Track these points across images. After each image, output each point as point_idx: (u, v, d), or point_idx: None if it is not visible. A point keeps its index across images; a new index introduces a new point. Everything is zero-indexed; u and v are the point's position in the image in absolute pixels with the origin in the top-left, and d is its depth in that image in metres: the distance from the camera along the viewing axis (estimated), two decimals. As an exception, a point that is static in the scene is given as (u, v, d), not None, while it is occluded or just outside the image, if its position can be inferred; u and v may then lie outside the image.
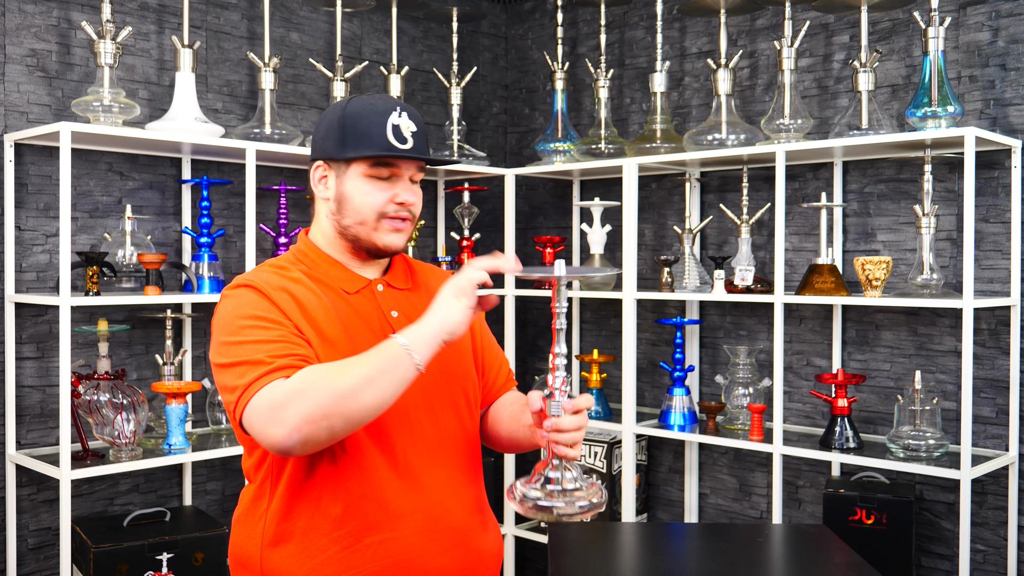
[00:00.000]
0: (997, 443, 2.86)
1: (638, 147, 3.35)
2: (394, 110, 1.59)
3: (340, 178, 1.61)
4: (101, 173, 3.00)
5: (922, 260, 2.79)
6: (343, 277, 1.64)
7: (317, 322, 1.55)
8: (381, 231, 1.61)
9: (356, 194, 1.60)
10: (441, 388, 1.64)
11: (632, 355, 3.29)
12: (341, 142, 1.59)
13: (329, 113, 1.63)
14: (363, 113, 1.59)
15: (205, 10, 3.23)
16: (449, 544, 1.59)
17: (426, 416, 1.61)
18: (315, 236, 1.68)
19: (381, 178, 1.59)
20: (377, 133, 1.57)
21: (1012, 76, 2.82)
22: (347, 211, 1.61)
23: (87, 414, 2.75)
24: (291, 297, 1.55)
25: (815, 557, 2.08)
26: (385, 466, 1.55)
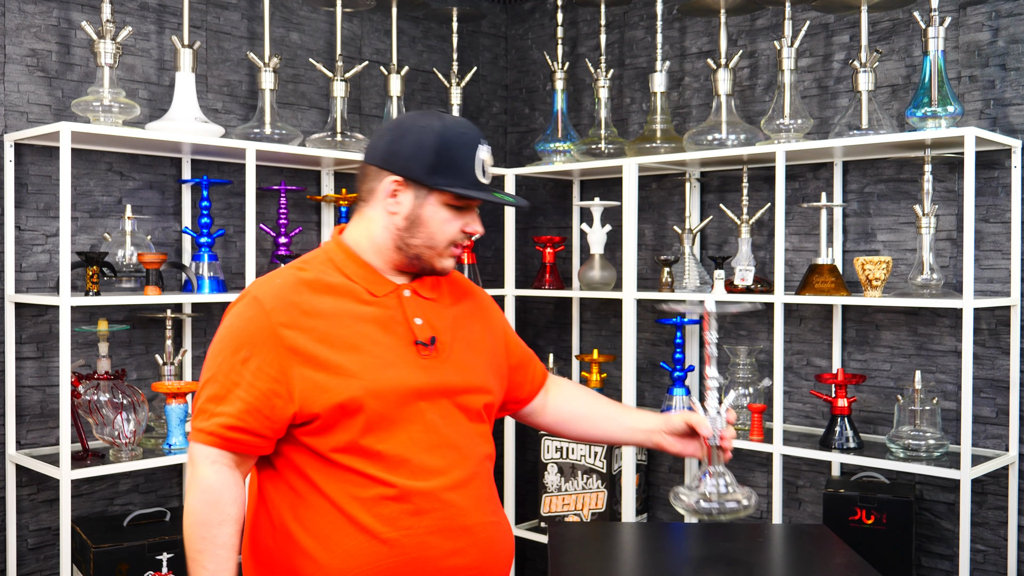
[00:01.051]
0: (997, 443, 2.86)
1: (638, 147, 3.35)
2: (481, 142, 1.64)
3: (419, 200, 1.62)
4: (101, 173, 3.00)
5: (922, 260, 2.79)
6: (372, 279, 1.66)
7: (327, 334, 1.57)
8: (444, 256, 1.67)
9: (434, 221, 1.63)
10: (461, 395, 1.68)
11: (632, 355, 3.29)
12: (432, 169, 1.60)
13: (415, 130, 1.62)
14: (456, 144, 1.61)
15: (205, 10, 3.24)
16: (465, 544, 1.62)
17: (443, 421, 1.64)
18: (355, 238, 1.69)
19: (458, 207, 1.64)
20: (468, 168, 1.61)
21: (1012, 76, 2.82)
22: (419, 233, 1.63)
23: (87, 414, 2.75)
24: (298, 312, 1.57)
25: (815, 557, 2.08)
26: (402, 468, 1.58)
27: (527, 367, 1.93)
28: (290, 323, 1.56)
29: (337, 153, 3.20)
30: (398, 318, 1.64)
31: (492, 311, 1.87)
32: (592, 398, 2.00)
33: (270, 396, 1.54)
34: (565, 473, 3.50)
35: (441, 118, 1.64)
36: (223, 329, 1.61)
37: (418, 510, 1.58)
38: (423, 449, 1.60)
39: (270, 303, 1.57)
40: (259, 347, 1.55)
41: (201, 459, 1.55)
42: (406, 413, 1.59)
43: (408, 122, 1.64)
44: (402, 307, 1.65)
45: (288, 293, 1.59)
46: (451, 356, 1.68)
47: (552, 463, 3.52)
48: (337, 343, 1.57)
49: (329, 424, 1.56)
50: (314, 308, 1.58)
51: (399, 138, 1.63)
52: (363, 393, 1.55)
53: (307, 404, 1.55)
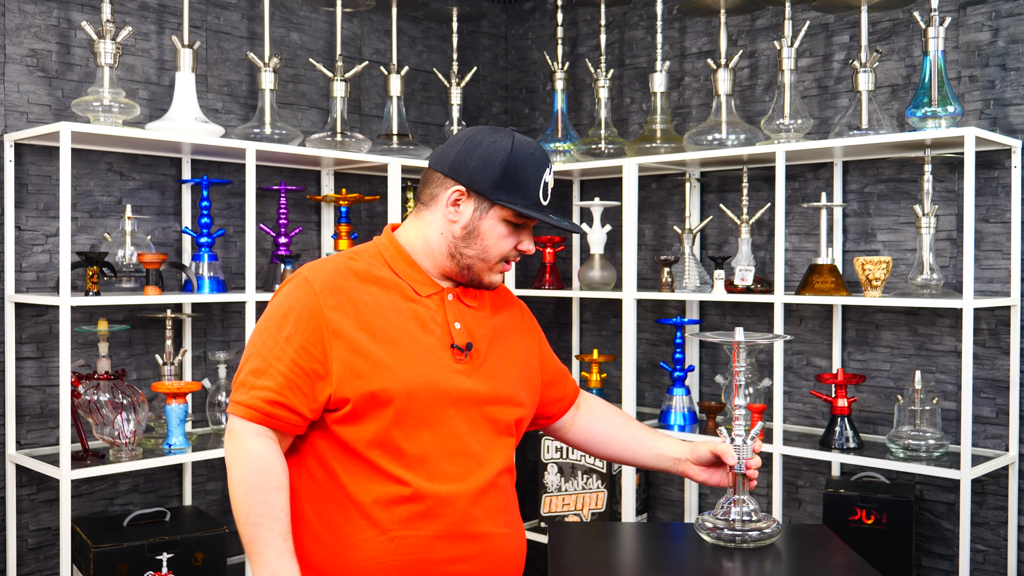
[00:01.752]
0: (997, 443, 2.86)
1: (638, 147, 3.35)
2: (548, 166, 1.67)
3: (479, 212, 1.66)
4: (101, 173, 3.00)
5: (922, 260, 2.79)
6: (418, 279, 1.69)
7: (369, 322, 1.60)
8: (494, 271, 1.71)
9: (491, 234, 1.66)
10: (489, 405, 1.69)
11: (632, 355, 3.29)
12: (497, 184, 1.63)
13: (486, 144, 1.65)
14: (524, 164, 1.64)
15: (205, 10, 3.23)
16: (472, 551, 1.64)
17: (467, 429, 1.66)
18: (409, 238, 1.72)
19: (515, 224, 1.67)
20: (533, 188, 1.65)
21: (1012, 76, 2.82)
22: (475, 245, 1.67)
23: (87, 414, 2.75)
24: (345, 299, 1.61)
25: (815, 557, 2.08)
26: (419, 469, 1.60)
27: (560, 383, 1.95)
28: (336, 306, 1.60)
29: (337, 153, 3.20)
30: (438, 319, 1.67)
31: (530, 325, 1.90)
32: (622, 420, 2.01)
33: (311, 374, 1.57)
34: (565, 473, 3.50)
35: (513, 137, 1.67)
36: (270, 307, 1.65)
37: (429, 512, 1.59)
38: (444, 453, 1.62)
39: (319, 285, 1.61)
40: (304, 325, 1.58)
41: (245, 432, 1.57)
42: (433, 414, 1.61)
43: (480, 136, 1.67)
44: (444, 309, 1.68)
45: (337, 278, 1.63)
46: (485, 365, 1.70)
47: (552, 463, 3.52)
48: (378, 333, 1.60)
49: (358, 412, 1.58)
50: (360, 296, 1.62)
51: (470, 150, 1.66)
52: (396, 386, 1.58)
53: (341, 387, 1.57)
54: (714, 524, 1.90)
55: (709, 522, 1.91)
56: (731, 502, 1.88)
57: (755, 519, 1.90)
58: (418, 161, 3.36)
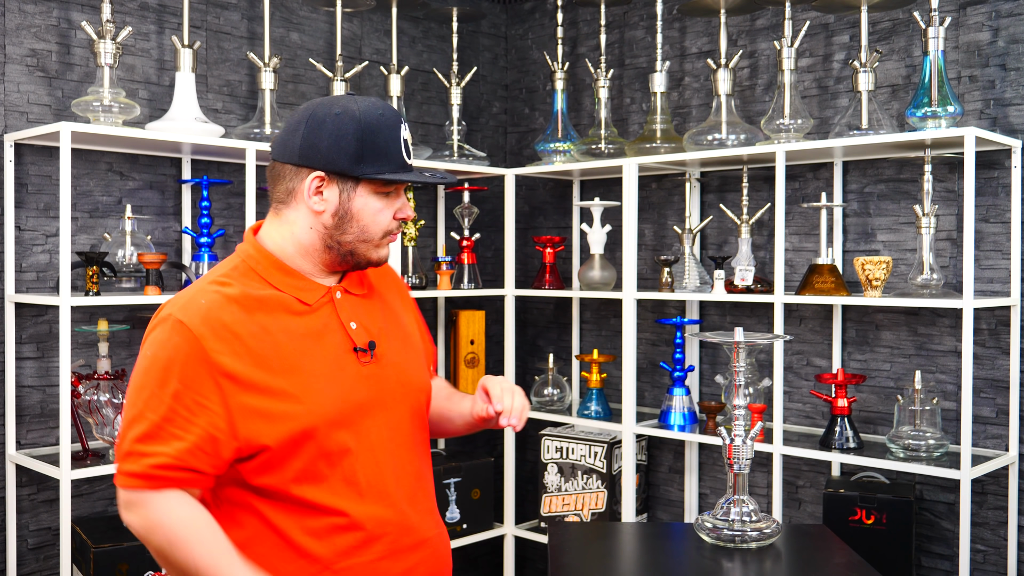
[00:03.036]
0: (997, 443, 2.86)
1: (638, 147, 3.35)
2: (401, 121, 1.54)
3: (346, 194, 1.52)
4: (101, 173, 3.00)
5: (922, 260, 2.79)
6: (300, 287, 1.54)
7: (263, 357, 1.45)
8: (381, 247, 1.58)
9: (365, 212, 1.53)
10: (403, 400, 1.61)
11: (632, 355, 3.29)
12: (357, 158, 1.49)
13: (330, 120, 1.50)
14: (378, 127, 1.50)
15: (205, 10, 3.24)
16: (416, 560, 1.57)
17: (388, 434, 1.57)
18: (277, 244, 1.56)
19: (386, 193, 1.54)
20: (394, 150, 1.52)
21: (1012, 76, 2.82)
22: (351, 228, 1.53)
23: (87, 414, 2.75)
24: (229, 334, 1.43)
25: (815, 557, 2.08)
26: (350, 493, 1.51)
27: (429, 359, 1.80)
28: (222, 348, 1.42)
29: (337, 153, 3.19)
30: (333, 325, 1.54)
31: (408, 297, 1.78)
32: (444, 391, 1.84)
33: (212, 432, 1.41)
34: (565, 473, 3.50)
35: (355, 101, 1.53)
36: (145, 359, 1.44)
37: (371, 537, 1.51)
38: (370, 468, 1.52)
39: (198, 327, 1.42)
40: (192, 378, 1.40)
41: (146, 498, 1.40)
42: (353, 431, 1.51)
43: (321, 112, 1.51)
44: (336, 313, 1.55)
45: (217, 313, 1.44)
46: (389, 358, 1.59)
47: (552, 463, 3.52)
48: (275, 365, 1.45)
49: (279, 456, 1.45)
50: (245, 328, 1.44)
51: (315, 131, 1.50)
52: (311, 418, 1.45)
53: (253, 436, 1.43)
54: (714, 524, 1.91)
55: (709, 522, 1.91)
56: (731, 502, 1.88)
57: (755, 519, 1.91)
58: (418, 161, 3.36)
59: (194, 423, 1.40)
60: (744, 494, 1.87)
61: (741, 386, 1.89)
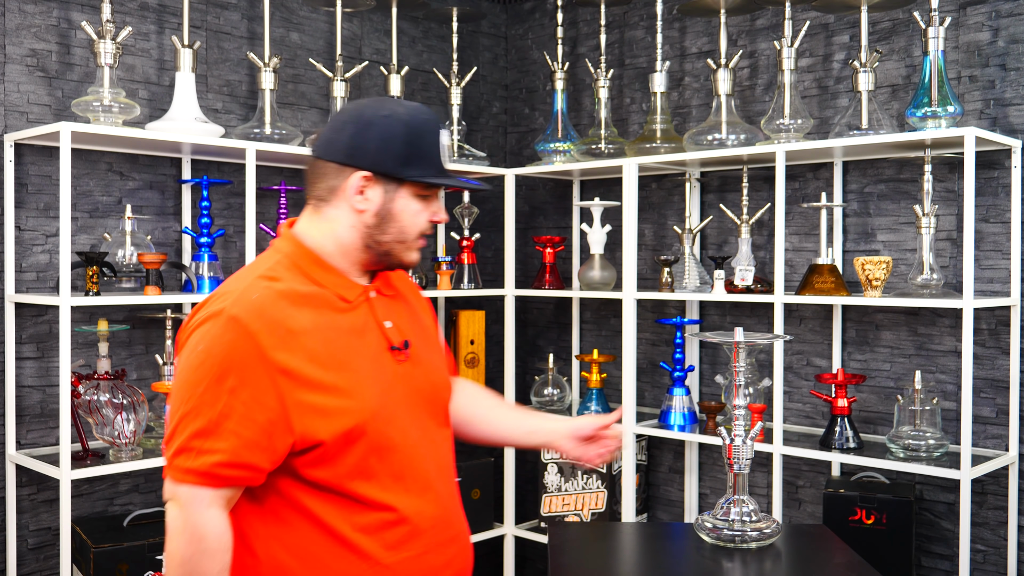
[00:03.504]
0: (997, 443, 2.86)
1: (638, 147, 3.35)
2: (441, 128, 1.59)
3: (389, 194, 1.55)
4: (101, 173, 3.00)
5: (922, 260, 2.79)
6: (341, 284, 1.57)
7: (315, 353, 1.47)
8: (413, 249, 1.61)
9: (405, 214, 1.56)
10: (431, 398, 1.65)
11: (632, 355, 3.29)
12: (404, 160, 1.53)
13: (384, 124, 1.53)
14: (423, 132, 1.55)
15: (205, 10, 3.24)
16: (454, 553, 1.62)
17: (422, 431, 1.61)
18: (317, 242, 1.58)
19: (425, 197, 1.59)
20: (435, 155, 1.57)
21: (1012, 76, 2.82)
22: (390, 228, 1.56)
23: (87, 414, 2.75)
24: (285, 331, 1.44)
25: (815, 557, 2.08)
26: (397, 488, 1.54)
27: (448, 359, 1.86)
28: (278, 344, 1.43)
29: (337, 153, 3.19)
30: (371, 324, 1.57)
31: (420, 295, 1.83)
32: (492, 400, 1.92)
33: (269, 428, 1.42)
34: (565, 473, 3.50)
35: (401, 104, 1.57)
36: (198, 354, 1.44)
37: (417, 531, 1.55)
38: (415, 465, 1.57)
39: (253, 323, 1.43)
40: (249, 374, 1.41)
41: (197, 501, 1.41)
42: (395, 428, 1.54)
43: (368, 113, 1.54)
44: (373, 311, 1.59)
45: (269, 309, 1.45)
46: (419, 358, 1.64)
47: (552, 463, 3.52)
48: (327, 361, 1.47)
49: (334, 451, 1.47)
50: (298, 324, 1.46)
51: (362, 131, 1.53)
52: (363, 415, 1.49)
53: (309, 431, 1.45)
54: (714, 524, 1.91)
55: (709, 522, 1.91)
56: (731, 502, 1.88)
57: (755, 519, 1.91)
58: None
59: (252, 419, 1.41)
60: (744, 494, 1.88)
61: (741, 386, 1.90)
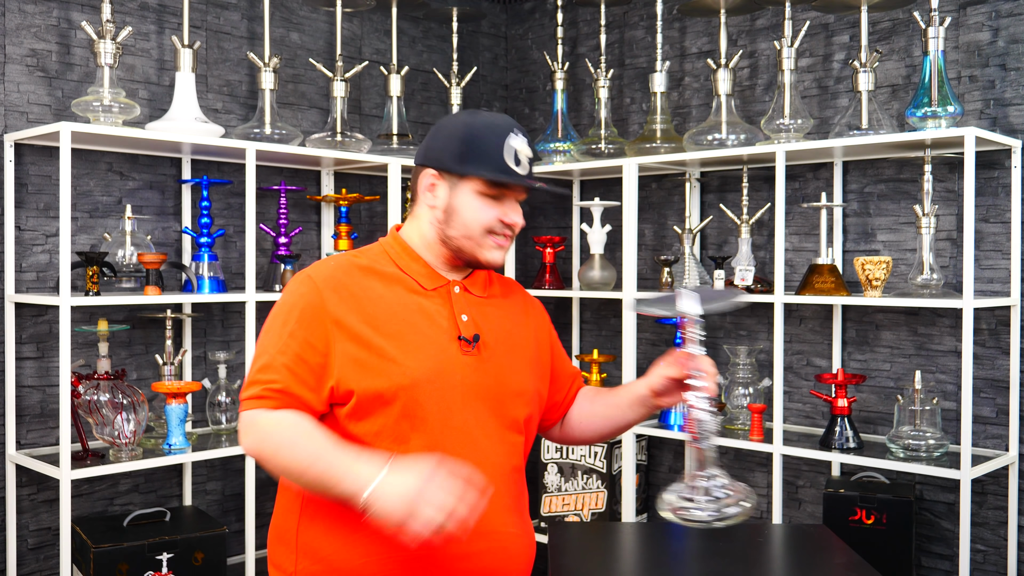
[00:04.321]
0: (997, 443, 2.86)
1: (638, 147, 3.35)
2: (512, 131, 1.64)
3: (452, 191, 1.65)
4: (101, 173, 3.00)
5: (922, 260, 2.79)
6: (424, 273, 1.68)
7: (373, 317, 1.59)
8: (485, 247, 1.67)
9: (467, 209, 1.64)
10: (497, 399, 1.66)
11: (632, 355, 3.29)
12: (460, 157, 1.63)
13: (448, 124, 1.67)
14: (483, 132, 1.63)
15: (205, 10, 3.23)
16: (480, 548, 1.61)
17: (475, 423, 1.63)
18: (409, 234, 1.73)
19: (492, 196, 1.64)
20: (496, 154, 1.62)
21: (1012, 76, 2.82)
22: (455, 223, 1.65)
23: (87, 414, 2.75)
24: (349, 294, 1.60)
25: (815, 557, 2.08)
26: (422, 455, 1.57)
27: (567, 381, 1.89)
28: (339, 301, 1.59)
29: (337, 153, 3.20)
30: (444, 312, 1.65)
31: (542, 320, 1.87)
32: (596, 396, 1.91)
33: (314, 368, 1.57)
34: (565, 473, 3.50)
35: (476, 113, 1.68)
36: (275, 307, 1.65)
37: None
38: (451, 446, 1.59)
39: (322, 281, 1.61)
40: (306, 320, 1.58)
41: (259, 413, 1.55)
42: (441, 407, 1.59)
43: (445, 120, 1.70)
44: (450, 302, 1.67)
45: (340, 274, 1.64)
46: (493, 357, 1.67)
47: (552, 463, 3.52)
48: (382, 327, 1.59)
49: (364, 408, 1.57)
50: (363, 291, 1.62)
51: (435, 134, 1.68)
52: (403, 379, 1.56)
53: (344, 380, 1.56)
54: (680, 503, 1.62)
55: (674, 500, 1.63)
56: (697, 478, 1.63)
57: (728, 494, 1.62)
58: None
59: (302, 357, 1.57)
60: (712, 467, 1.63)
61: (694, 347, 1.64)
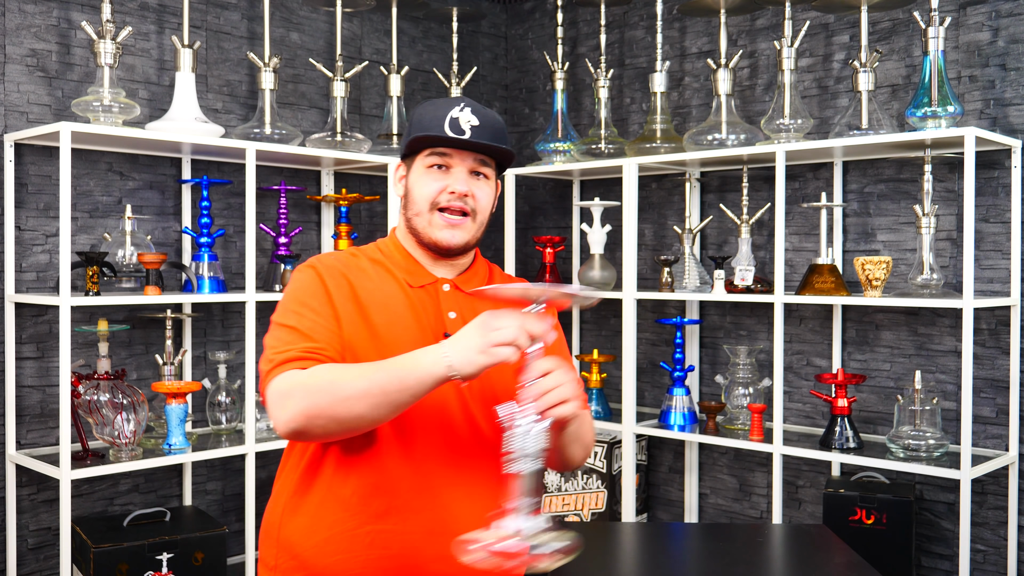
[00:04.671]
0: (997, 443, 2.86)
1: (638, 147, 3.35)
2: (457, 105, 1.63)
3: (409, 175, 1.67)
4: (101, 173, 3.00)
5: (922, 260, 2.79)
6: (412, 270, 1.68)
7: (366, 309, 1.60)
8: (435, 225, 1.63)
9: (416, 185, 1.65)
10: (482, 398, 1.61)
11: (632, 355, 3.29)
12: (408, 138, 1.65)
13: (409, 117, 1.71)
14: (427, 109, 1.65)
15: (205, 10, 3.23)
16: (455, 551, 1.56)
17: (463, 421, 1.60)
18: (399, 232, 1.74)
19: (437, 167, 1.63)
20: (434, 125, 1.61)
21: (1012, 76, 2.82)
22: (410, 204, 1.66)
23: (87, 414, 2.75)
24: (346, 283, 1.62)
25: (815, 557, 2.08)
26: (402, 460, 1.55)
27: None
28: (337, 287, 1.61)
29: (337, 153, 3.20)
30: (432, 308, 1.64)
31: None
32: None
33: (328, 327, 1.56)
34: (565, 473, 3.50)
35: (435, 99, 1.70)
36: (287, 289, 1.66)
37: (409, 507, 1.54)
38: (432, 446, 1.57)
39: (322, 268, 1.64)
40: (312, 295, 1.59)
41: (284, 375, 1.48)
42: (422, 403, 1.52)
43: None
44: (437, 299, 1.66)
45: (338, 265, 1.65)
46: None
47: (552, 463, 3.52)
48: (374, 316, 1.60)
49: None
50: (359, 281, 1.63)
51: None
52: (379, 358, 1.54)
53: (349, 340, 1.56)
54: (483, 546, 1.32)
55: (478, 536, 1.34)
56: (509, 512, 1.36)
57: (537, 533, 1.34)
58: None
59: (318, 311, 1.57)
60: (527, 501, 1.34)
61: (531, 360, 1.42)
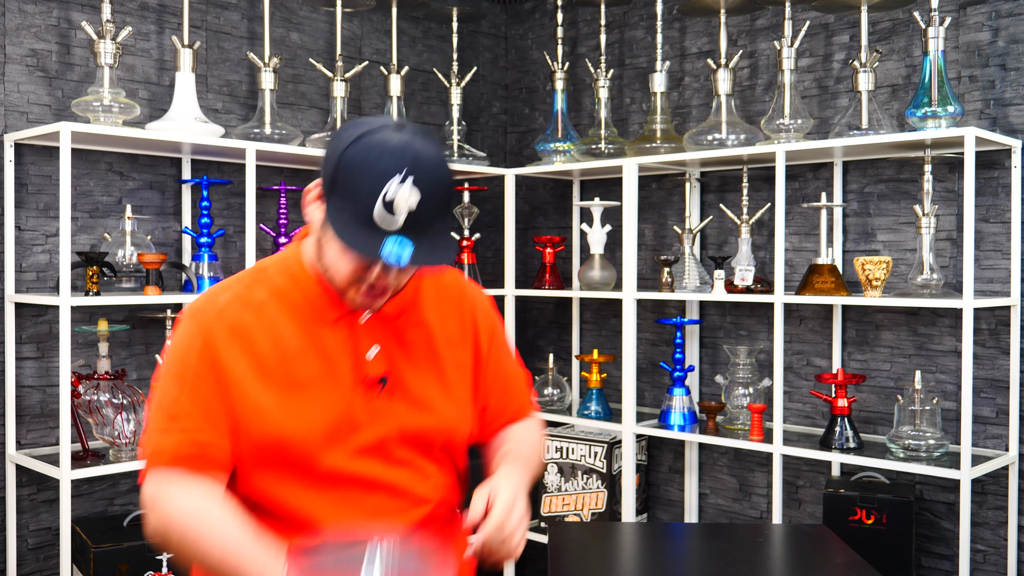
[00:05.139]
0: (997, 443, 2.86)
1: (638, 147, 3.35)
2: (397, 174, 1.25)
3: (324, 219, 1.33)
4: (101, 173, 3.00)
5: (922, 260, 2.79)
6: (323, 302, 1.42)
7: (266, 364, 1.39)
8: (348, 297, 1.40)
9: (330, 251, 1.35)
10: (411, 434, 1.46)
11: (632, 355, 3.29)
12: (331, 187, 1.30)
13: (338, 137, 1.32)
14: (363, 168, 1.27)
15: (205, 10, 3.24)
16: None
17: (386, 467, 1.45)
18: (307, 249, 1.45)
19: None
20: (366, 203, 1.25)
21: (1012, 76, 2.82)
22: (322, 258, 1.39)
23: (87, 414, 2.75)
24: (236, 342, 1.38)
25: (815, 557, 2.08)
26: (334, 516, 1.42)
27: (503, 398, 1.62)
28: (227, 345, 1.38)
29: (337, 153, 3.19)
30: (347, 350, 1.42)
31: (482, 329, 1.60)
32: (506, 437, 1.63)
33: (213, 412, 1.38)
34: (565, 473, 3.50)
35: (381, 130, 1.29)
36: (170, 345, 1.44)
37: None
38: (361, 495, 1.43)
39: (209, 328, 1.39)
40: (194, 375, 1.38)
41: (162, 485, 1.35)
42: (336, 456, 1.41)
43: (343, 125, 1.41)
44: (356, 336, 1.43)
45: (231, 314, 1.40)
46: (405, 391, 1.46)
47: (552, 463, 3.52)
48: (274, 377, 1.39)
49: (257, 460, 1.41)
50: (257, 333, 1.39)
51: (337, 135, 1.34)
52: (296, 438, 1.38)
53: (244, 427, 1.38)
54: None
55: None
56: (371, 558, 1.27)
57: None
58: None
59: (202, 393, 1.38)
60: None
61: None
